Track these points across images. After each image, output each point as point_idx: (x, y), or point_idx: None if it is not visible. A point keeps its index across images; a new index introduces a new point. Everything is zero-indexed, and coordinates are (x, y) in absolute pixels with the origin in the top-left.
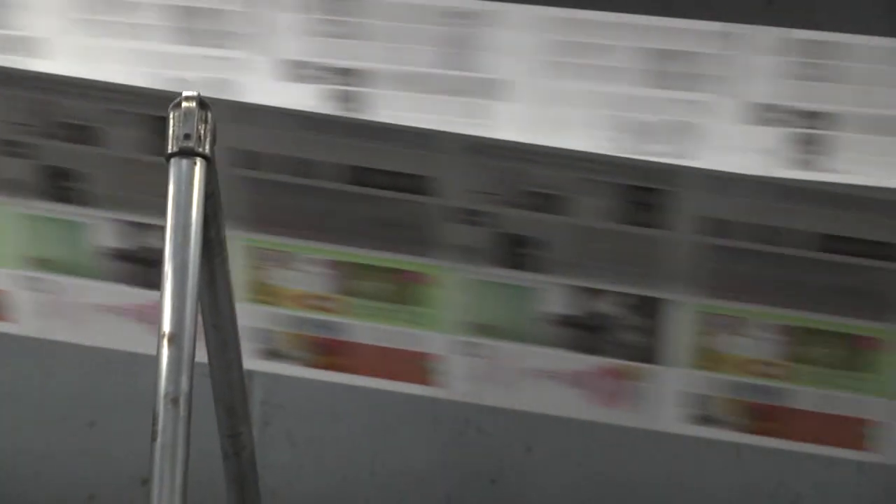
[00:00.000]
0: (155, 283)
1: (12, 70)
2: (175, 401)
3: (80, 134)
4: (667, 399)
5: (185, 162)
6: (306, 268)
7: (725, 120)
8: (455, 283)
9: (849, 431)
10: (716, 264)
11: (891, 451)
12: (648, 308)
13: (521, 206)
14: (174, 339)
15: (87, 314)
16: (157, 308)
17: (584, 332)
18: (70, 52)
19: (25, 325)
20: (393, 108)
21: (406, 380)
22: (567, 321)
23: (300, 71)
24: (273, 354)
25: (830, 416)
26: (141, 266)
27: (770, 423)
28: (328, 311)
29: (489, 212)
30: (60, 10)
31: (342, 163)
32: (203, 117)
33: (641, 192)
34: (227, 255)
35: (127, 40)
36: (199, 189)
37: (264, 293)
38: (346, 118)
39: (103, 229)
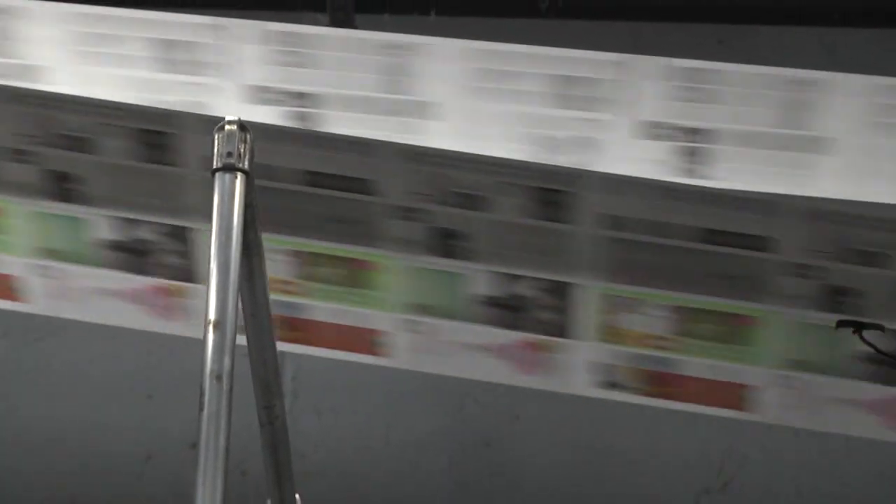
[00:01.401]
0: (145, 270)
1: (21, 89)
2: (219, 377)
3: (78, 144)
4: (578, 367)
5: (227, 176)
6: (275, 256)
7: (621, 135)
8: (398, 269)
9: (731, 395)
10: (614, 254)
11: (765, 411)
12: (559, 290)
13: (450, 204)
14: (218, 325)
15: (88, 296)
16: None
17: (506, 310)
18: (70, 79)
19: (37, 305)
20: (343, 125)
21: (358, 352)
22: (492, 301)
23: (262, 95)
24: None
25: (715, 381)
26: (133, 255)
27: (665, 388)
28: (292, 294)
29: (424, 209)
30: (62, 42)
31: (296, 167)
32: (243, 138)
33: (550, 192)
34: (263, 255)
35: (116, 68)
36: (240, 199)
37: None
38: (310, 131)
39: (100, 224)
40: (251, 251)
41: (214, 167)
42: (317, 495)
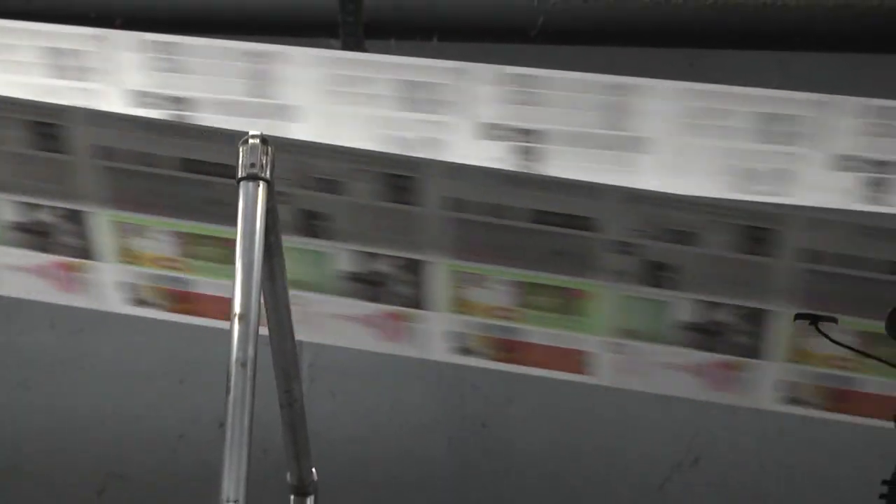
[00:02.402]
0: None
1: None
2: (244, 364)
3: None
4: (434, 336)
5: (251, 184)
6: (159, 237)
7: (463, 136)
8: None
9: (571, 360)
10: (459, 233)
11: (602, 374)
12: (413, 267)
13: (311, 188)
14: (243, 318)
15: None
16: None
17: (367, 285)
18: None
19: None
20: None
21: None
22: (355, 277)
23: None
24: (140, 302)
25: (555, 348)
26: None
27: (512, 354)
28: (178, 270)
29: (288, 192)
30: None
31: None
32: (265, 150)
33: (399, 178)
34: (282, 256)
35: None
36: (262, 205)
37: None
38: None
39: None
40: (272, 252)
41: (239, 177)
42: (331, 471)
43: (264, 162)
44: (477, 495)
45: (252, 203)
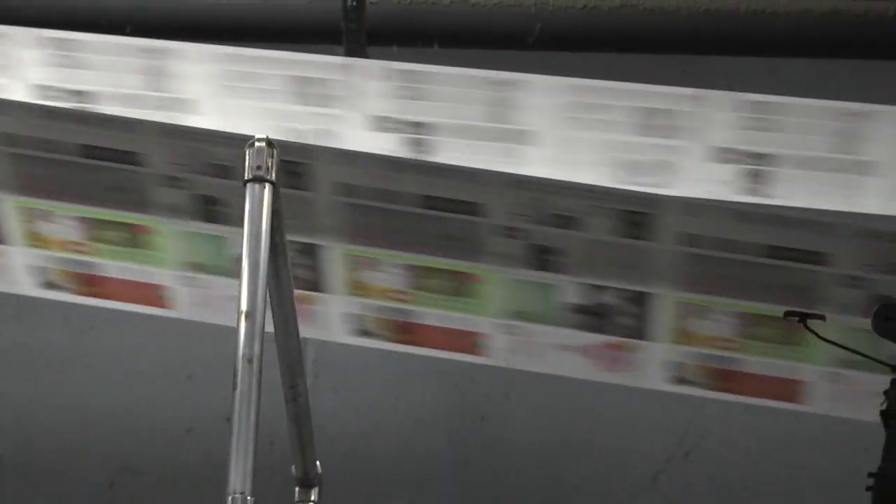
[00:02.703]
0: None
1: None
2: (250, 360)
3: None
4: (333, 318)
5: (256, 186)
6: (64, 221)
7: (355, 129)
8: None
9: (466, 342)
10: (350, 218)
11: (496, 355)
12: (309, 251)
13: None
14: (249, 315)
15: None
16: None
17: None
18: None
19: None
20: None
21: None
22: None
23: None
24: (49, 285)
25: (451, 329)
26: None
27: (409, 336)
28: (84, 253)
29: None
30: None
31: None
32: (270, 153)
33: (293, 164)
34: (287, 255)
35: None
36: (268, 206)
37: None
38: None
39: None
40: (277, 251)
41: (245, 178)
42: (334, 463)
43: (269, 164)
44: (476, 487)
45: (258, 204)
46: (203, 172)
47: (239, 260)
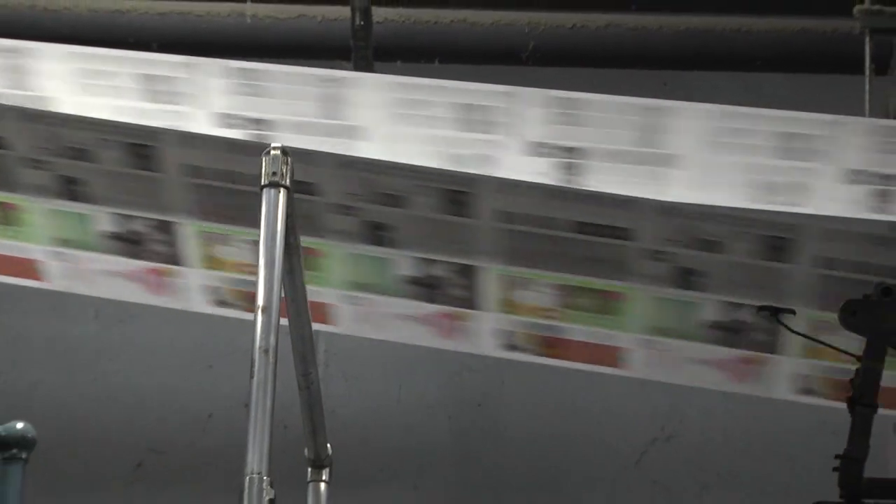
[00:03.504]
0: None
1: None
2: (266, 351)
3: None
4: (192, 289)
5: (272, 191)
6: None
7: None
8: (40, 211)
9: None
10: (200, 197)
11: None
12: (165, 227)
13: (68, 157)
14: (266, 309)
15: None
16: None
17: (128, 244)
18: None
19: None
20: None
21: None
22: (115, 236)
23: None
24: None
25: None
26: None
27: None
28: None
29: (48, 160)
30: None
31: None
32: (285, 160)
33: (140, 147)
34: (301, 254)
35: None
36: (283, 210)
37: None
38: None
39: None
40: (291, 251)
41: (262, 184)
42: (344, 445)
43: (284, 171)
44: (473, 467)
45: (274, 207)
46: (61, 155)
47: None
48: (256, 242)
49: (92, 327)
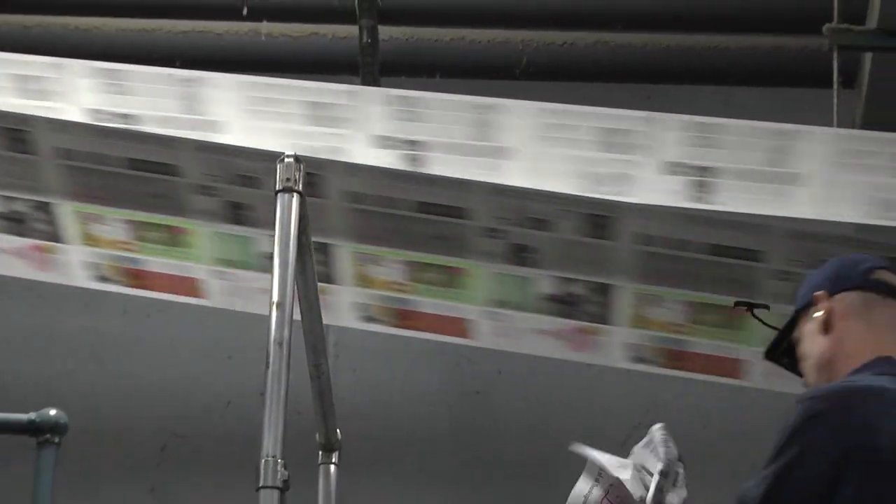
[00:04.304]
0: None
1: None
2: (280, 344)
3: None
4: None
5: (286, 196)
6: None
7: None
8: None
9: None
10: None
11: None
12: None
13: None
14: (280, 305)
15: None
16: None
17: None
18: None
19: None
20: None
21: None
22: None
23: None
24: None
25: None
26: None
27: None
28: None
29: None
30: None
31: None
32: (297, 167)
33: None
34: (312, 253)
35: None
36: (296, 212)
37: None
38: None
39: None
40: (303, 251)
41: (276, 189)
42: (352, 430)
43: (297, 177)
44: (472, 450)
45: (287, 211)
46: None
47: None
48: None
49: (120, 321)
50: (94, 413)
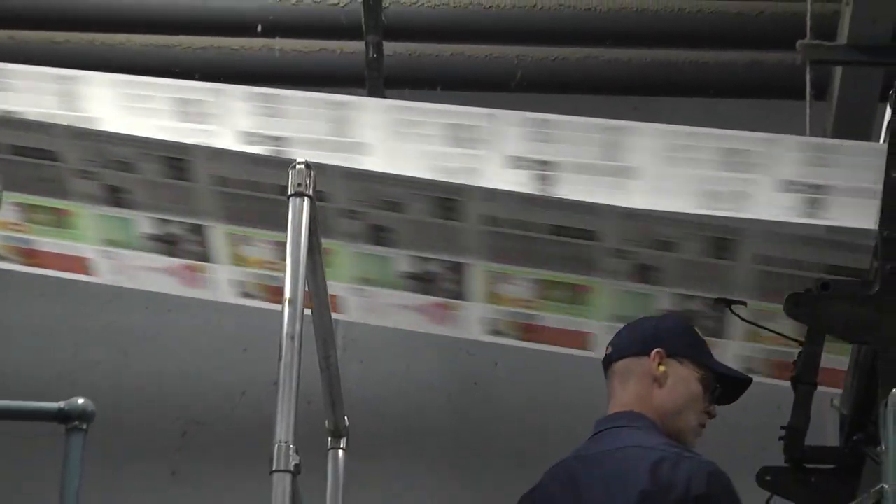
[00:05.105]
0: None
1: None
2: (293, 337)
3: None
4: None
5: (298, 200)
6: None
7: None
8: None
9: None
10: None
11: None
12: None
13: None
14: (292, 301)
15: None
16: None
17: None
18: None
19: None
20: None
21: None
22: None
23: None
24: None
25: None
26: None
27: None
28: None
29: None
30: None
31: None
32: (308, 173)
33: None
34: (321, 253)
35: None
36: (307, 216)
37: None
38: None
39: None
40: (314, 251)
41: (289, 194)
42: (359, 419)
43: (308, 182)
44: (470, 438)
45: (299, 214)
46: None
47: None
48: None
49: (142, 315)
50: (119, 402)
